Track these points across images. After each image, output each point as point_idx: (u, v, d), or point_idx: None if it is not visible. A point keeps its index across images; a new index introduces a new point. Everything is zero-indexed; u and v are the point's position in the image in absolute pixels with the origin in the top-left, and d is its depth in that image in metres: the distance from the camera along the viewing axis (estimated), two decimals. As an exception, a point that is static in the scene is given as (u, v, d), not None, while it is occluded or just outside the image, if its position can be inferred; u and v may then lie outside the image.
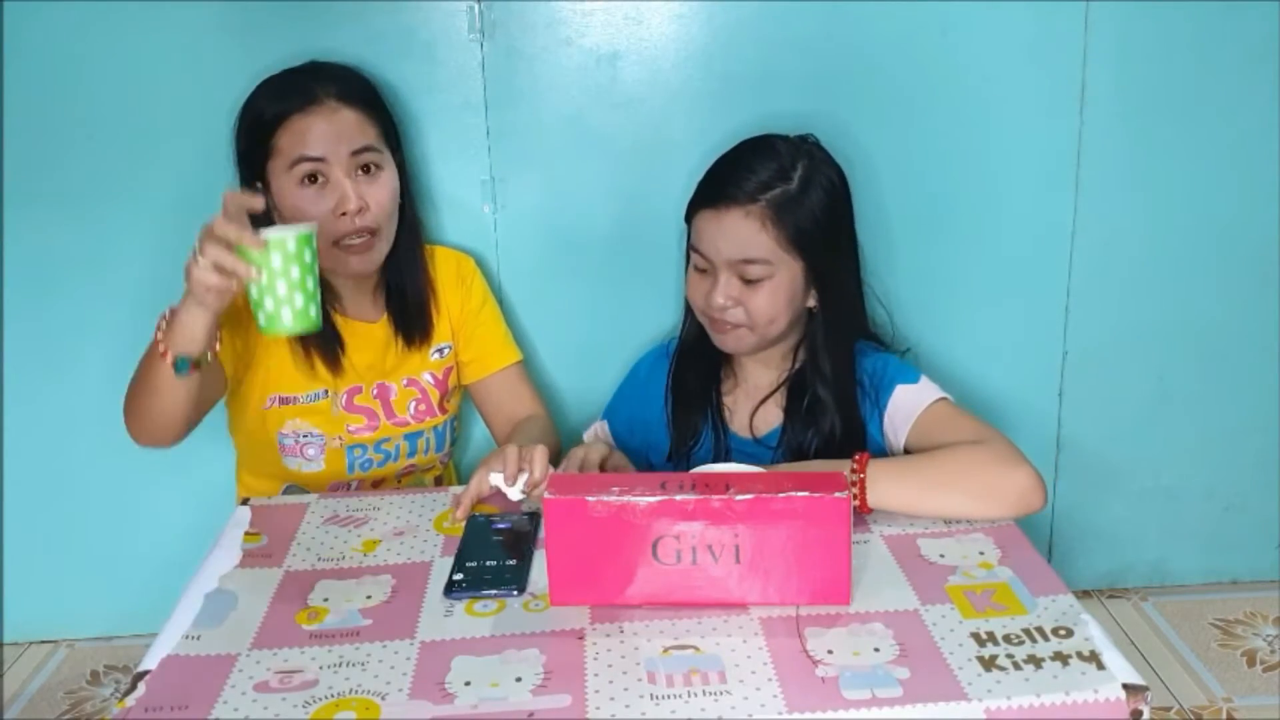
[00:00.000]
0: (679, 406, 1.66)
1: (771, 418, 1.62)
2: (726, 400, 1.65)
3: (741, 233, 1.50)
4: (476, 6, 1.84)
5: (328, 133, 1.58)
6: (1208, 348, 2.09)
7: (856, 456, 1.38)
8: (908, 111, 1.92)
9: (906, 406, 1.53)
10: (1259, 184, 2.00)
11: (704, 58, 1.88)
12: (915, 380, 1.56)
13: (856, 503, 1.35)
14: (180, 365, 1.39)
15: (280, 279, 1.28)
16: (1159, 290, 2.05)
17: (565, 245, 1.95)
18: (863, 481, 1.35)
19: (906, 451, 1.52)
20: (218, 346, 1.43)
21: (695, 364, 1.66)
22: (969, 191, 1.96)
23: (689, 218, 1.58)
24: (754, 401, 1.63)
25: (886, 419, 1.56)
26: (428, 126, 1.87)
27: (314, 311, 1.31)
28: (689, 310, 1.65)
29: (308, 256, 1.29)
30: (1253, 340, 2.08)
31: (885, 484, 1.36)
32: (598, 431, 1.77)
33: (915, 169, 1.94)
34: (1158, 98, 1.94)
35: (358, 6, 1.82)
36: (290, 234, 1.28)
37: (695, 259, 1.56)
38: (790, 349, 1.61)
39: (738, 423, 1.64)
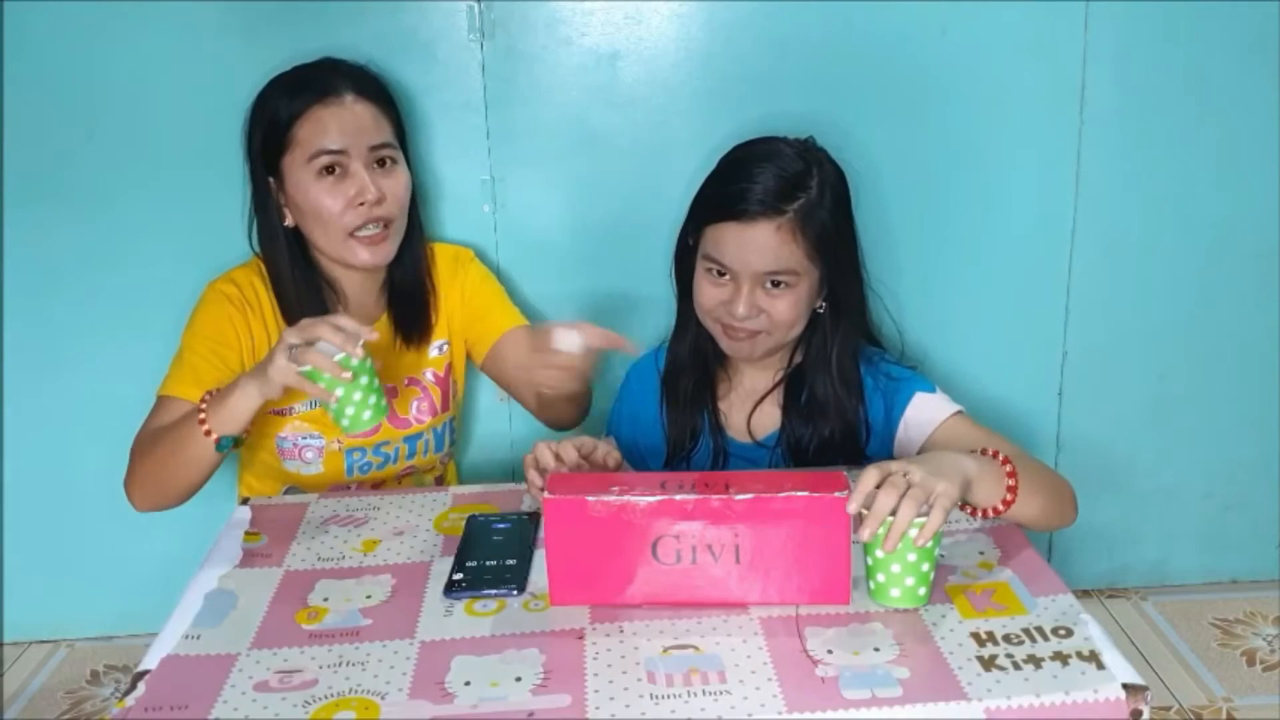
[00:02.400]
0: (674, 413, 1.65)
1: (768, 419, 1.62)
2: (721, 405, 1.65)
3: (772, 245, 1.48)
4: (476, 6, 1.84)
5: (347, 125, 1.59)
6: (1208, 348, 2.09)
7: (997, 455, 1.27)
8: (908, 111, 1.92)
9: (925, 414, 1.52)
10: (1258, 184, 2.00)
11: (704, 58, 1.88)
12: (933, 390, 1.55)
13: (1001, 505, 1.25)
14: (223, 444, 1.43)
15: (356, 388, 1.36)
16: (1159, 290, 2.05)
17: (565, 245, 1.95)
18: (1015, 485, 1.25)
19: None
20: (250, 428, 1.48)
21: (690, 369, 1.64)
22: (969, 191, 1.96)
23: (700, 227, 1.55)
24: (750, 404, 1.63)
25: (902, 425, 1.54)
26: (428, 126, 1.87)
27: (385, 403, 1.40)
28: (683, 316, 1.64)
29: (370, 362, 1.37)
30: (1252, 340, 2.08)
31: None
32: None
33: (915, 169, 1.94)
34: (1157, 97, 1.94)
35: (358, 6, 1.82)
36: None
37: (710, 266, 1.54)
38: (788, 350, 1.61)
39: (734, 426, 1.64)
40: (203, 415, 1.42)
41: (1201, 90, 1.95)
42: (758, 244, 1.48)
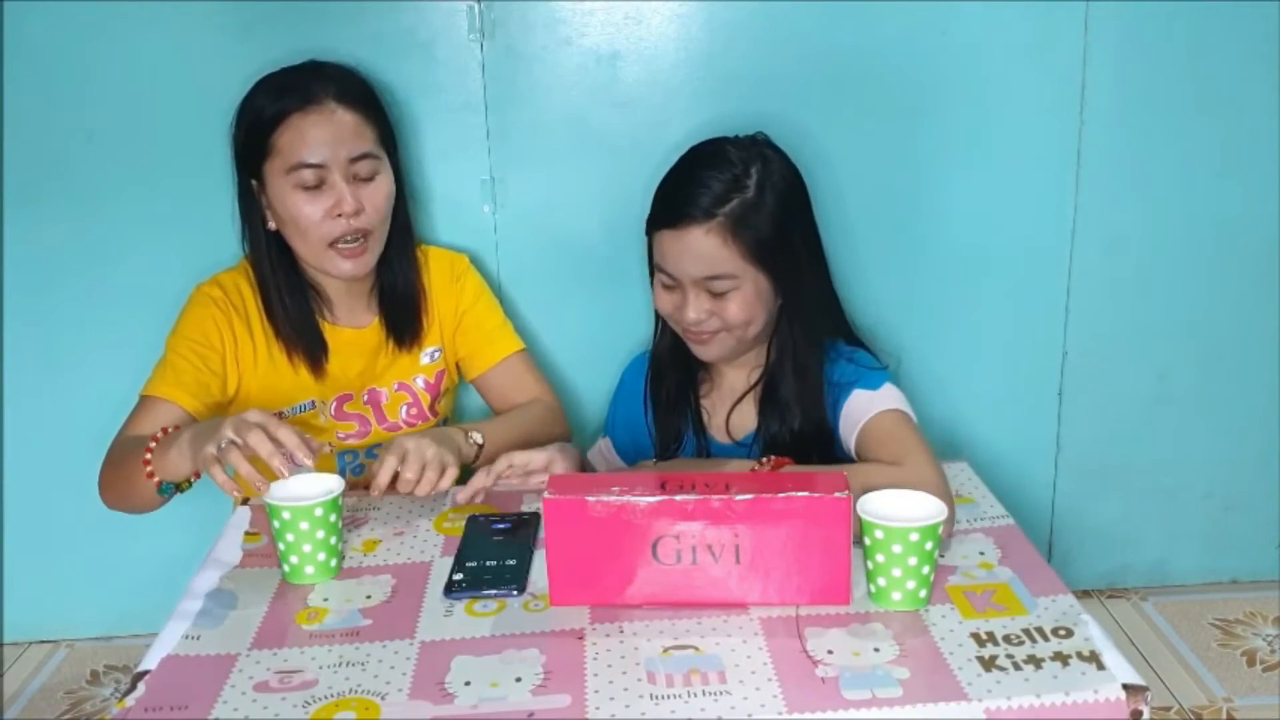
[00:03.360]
0: (659, 413, 1.65)
1: (747, 419, 1.61)
2: (705, 404, 1.65)
3: (704, 251, 1.48)
4: (476, 6, 1.84)
5: (327, 136, 1.57)
6: (1208, 348, 2.09)
7: (770, 458, 1.39)
8: (908, 112, 1.92)
9: (857, 411, 1.50)
10: (1259, 184, 2.00)
11: (704, 58, 1.88)
12: (875, 387, 1.51)
13: None
14: (164, 489, 1.41)
15: (306, 540, 1.27)
16: (1159, 290, 2.05)
17: (565, 245, 1.95)
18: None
19: (858, 456, 1.49)
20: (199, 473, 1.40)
21: (672, 370, 1.65)
22: (968, 191, 1.96)
23: (649, 234, 1.56)
24: (729, 404, 1.62)
25: (841, 421, 1.53)
26: (427, 126, 1.87)
27: (335, 563, 1.30)
28: (661, 319, 1.64)
29: (333, 517, 1.29)
30: (1253, 340, 2.08)
31: None
32: (602, 449, 1.77)
33: (915, 168, 1.94)
34: (1158, 98, 1.94)
35: (357, 6, 1.82)
36: (316, 499, 1.26)
37: (660, 276, 1.55)
38: (764, 348, 1.60)
39: (715, 426, 1.64)
40: (148, 455, 1.39)
41: (1202, 90, 1.94)
42: (691, 250, 1.48)
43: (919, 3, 1.86)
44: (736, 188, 1.48)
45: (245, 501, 1.50)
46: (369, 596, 1.26)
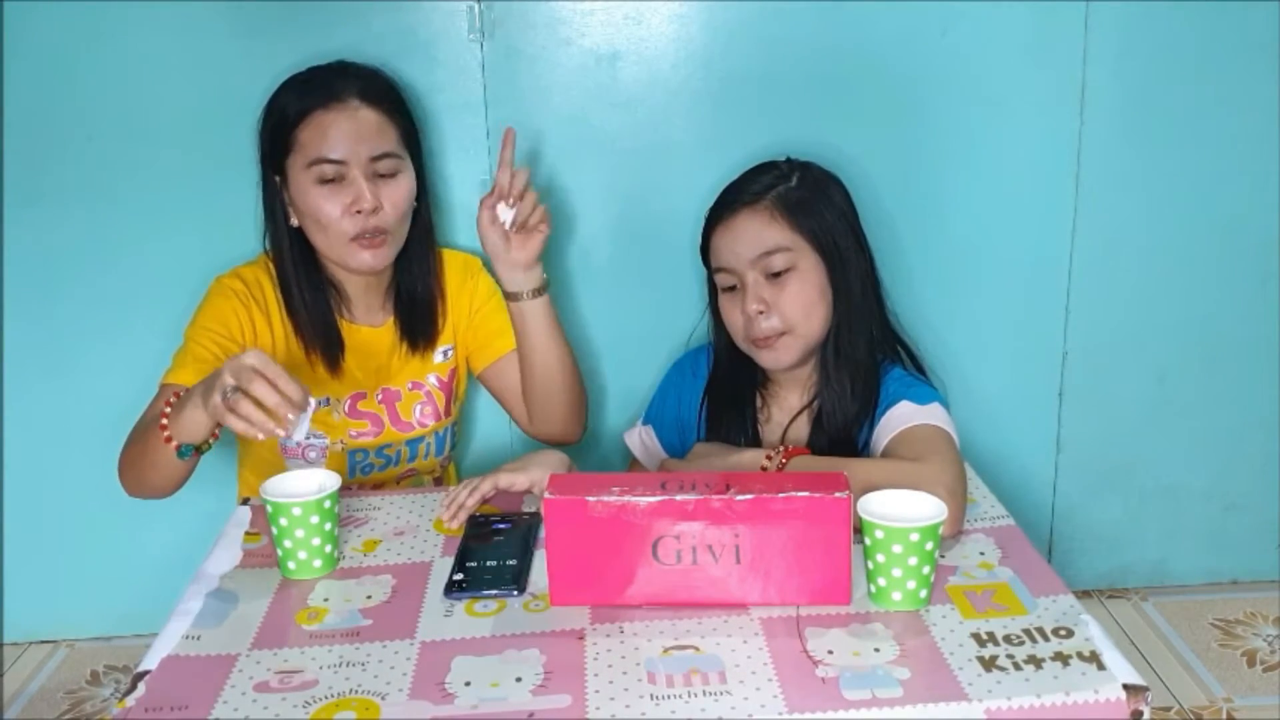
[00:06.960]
0: (712, 434, 1.65)
1: (800, 434, 1.61)
2: (760, 416, 1.65)
3: (754, 228, 1.54)
4: (476, 6, 1.84)
5: (348, 133, 1.58)
6: (1208, 348, 2.09)
7: (786, 447, 1.43)
8: (908, 111, 1.92)
9: (897, 419, 1.49)
10: (1259, 184, 2.00)
11: (704, 58, 1.88)
12: (923, 403, 1.51)
13: None
14: (184, 451, 1.39)
15: (315, 534, 1.29)
16: (1159, 290, 2.05)
17: (565, 245, 1.95)
18: (782, 468, 1.40)
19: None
20: (219, 433, 1.39)
21: (731, 395, 1.65)
22: (968, 191, 1.96)
23: (704, 250, 1.61)
24: (785, 421, 1.62)
25: (879, 427, 1.52)
26: (428, 126, 1.87)
27: (337, 555, 1.33)
28: (719, 349, 1.66)
29: (336, 508, 1.31)
30: (1253, 340, 2.09)
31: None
32: (643, 436, 1.76)
33: (915, 168, 1.94)
34: (1158, 98, 1.94)
35: (358, 6, 1.82)
36: (319, 494, 1.28)
37: (721, 280, 1.58)
38: (819, 362, 1.60)
39: (769, 445, 1.62)
40: (164, 421, 1.38)
41: (1202, 90, 1.95)
42: (740, 233, 1.55)
43: (919, 3, 1.86)
44: (780, 179, 1.57)
45: (245, 501, 1.50)
46: (369, 596, 1.26)
